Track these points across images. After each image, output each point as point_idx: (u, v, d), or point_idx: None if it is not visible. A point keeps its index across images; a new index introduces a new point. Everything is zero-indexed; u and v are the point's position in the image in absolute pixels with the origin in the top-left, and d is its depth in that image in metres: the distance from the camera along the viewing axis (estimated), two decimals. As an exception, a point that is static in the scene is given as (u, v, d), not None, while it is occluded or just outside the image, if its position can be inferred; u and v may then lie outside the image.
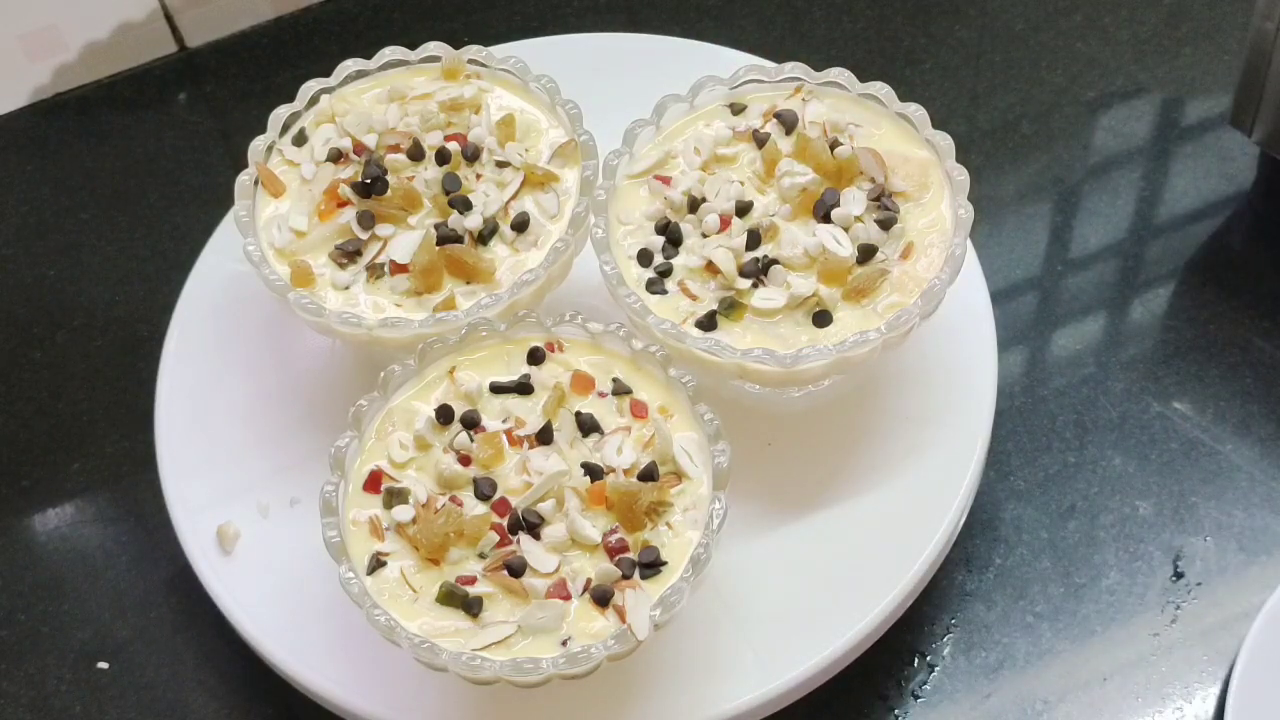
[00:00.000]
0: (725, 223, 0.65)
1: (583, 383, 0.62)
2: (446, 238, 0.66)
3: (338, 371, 0.72)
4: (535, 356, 0.63)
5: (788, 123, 0.68)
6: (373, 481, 0.60)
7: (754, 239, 0.64)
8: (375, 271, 0.66)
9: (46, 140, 0.92)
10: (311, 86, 0.71)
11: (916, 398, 0.68)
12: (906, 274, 0.63)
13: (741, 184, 0.66)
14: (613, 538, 0.58)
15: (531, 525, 0.58)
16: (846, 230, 0.64)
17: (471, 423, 0.61)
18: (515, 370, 0.63)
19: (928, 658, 0.68)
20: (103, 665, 0.70)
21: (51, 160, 0.91)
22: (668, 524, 0.58)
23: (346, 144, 0.69)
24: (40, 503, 0.76)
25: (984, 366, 0.69)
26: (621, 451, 0.59)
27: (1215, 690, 0.66)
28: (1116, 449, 0.73)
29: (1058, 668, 0.67)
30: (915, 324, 0.63)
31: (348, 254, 0.66)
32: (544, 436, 0.60)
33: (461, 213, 0.66)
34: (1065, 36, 0.91)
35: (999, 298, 0.77)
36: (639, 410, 0.61)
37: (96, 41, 0.92)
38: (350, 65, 0.72)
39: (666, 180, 0.67)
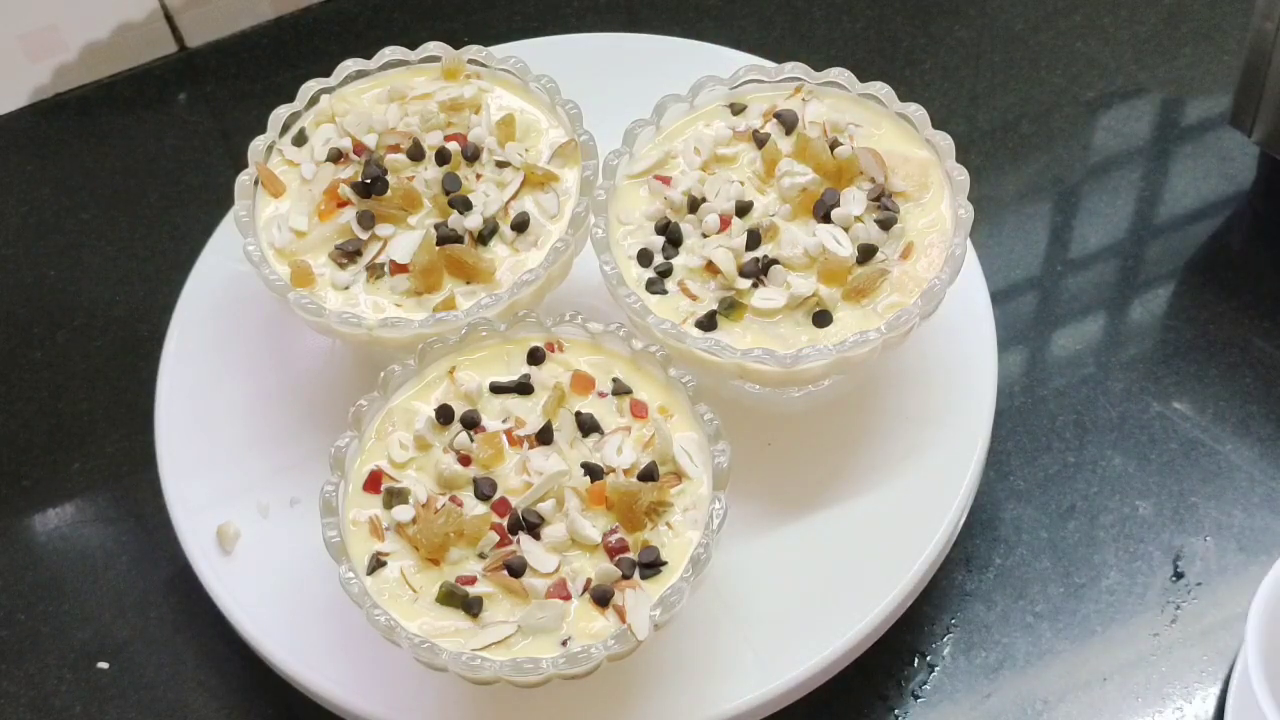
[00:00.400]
0: (725, 223, 0.65)
1: (583, 383, 0.62)
2: (446, 238, 0.66)
3: (338, 371, 0.72)
4: (535, 356, 0.63)
5: (788, 123, 0.68)
6: (373, 481, 0.60)
7: (754, 239, 0.64)
8: (375, 271, 0.66)
9: (46, 140, 0.92)
10: (311, 86, 0.71)
11: (916, 398, 0.68)
12: (906, 274, 0.63)
13: (741, 184, 0.66)
14: (613, 538, 0.58)
15: (531, 525, 0.58)
16: (846, 230, 0.64)
17: (471, 423, 0.61)
18: (515, 370, 0.63)
19: (928, 658, 0.68)
20: (103, 665, 0.70)
21: (51, 160, 0.91)
22: (668, 524, 0.58)
23: (346, 144, 0.69)
24: (40, 503, 0.76)
25: (984, 366, 0.69)
26: (621, 451, 0.59)
27: (1215, 690, 0.66)
28: (1116, 449, 0.73)
29: (1058, 668, 0.67)
30: (915, 324, 0.63)
31: (348, 254, 0.66)
32: (544, 436, 0.60)
33: (461, 213, 0.66)
34: (1065, 36, 0.91)
35: (999, 298, 0.77)
36: (639, 410, 0.61)
37: (96, 41, 0.92)
38: (350, 65, 0.72)
39: (666, 180, 0.67)
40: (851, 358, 0.62)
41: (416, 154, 0.68)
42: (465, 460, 0.60)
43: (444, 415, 0.61)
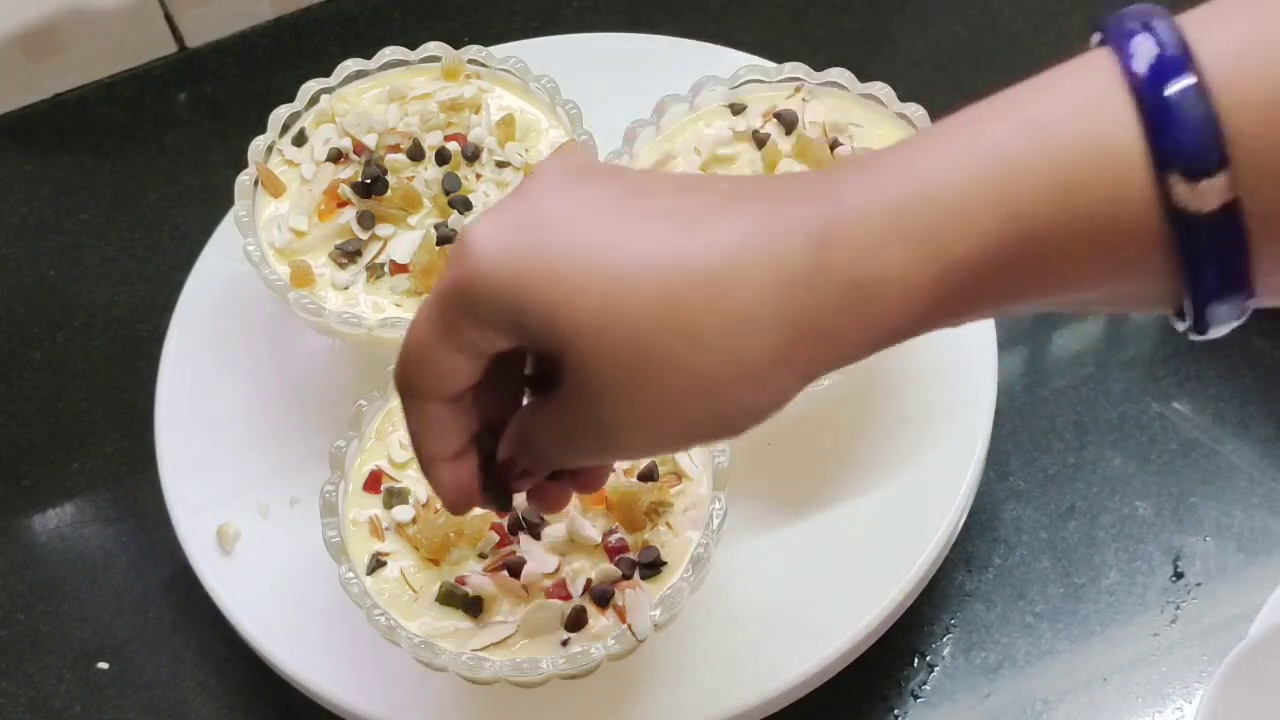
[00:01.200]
0: (725, 223, 0.65)
1: (583, 383, 0.62)
2: (446, 238, 0.66)
3: (338, 371, 0.72)
4: (535, 356, 0.63)
5: (788, 123, 0.68)
6: (373, 481, 0.60)
7: (754, 239, 0.64)
8: (375, 271, 0.66)
9: (46, 140, 0.92)
10: (311, 86, 0.71)
11: (916, 398, 0.68)
12: (906, 274, 0.63)
13: (741, 184, 0.66)
14: (613, 538, 0.58)
15: (532, 525, 0.58)
16: (846, 230, 0.64)
17: (471, 423, 0.61)
18: (515, 370, 0.62)
19: (928, 658, 0.68)
20: (103, 665, 0.70)
21: (51, 160, 0.91)
22: (668, 524, 0.58)
23: (346, 144, 0.69)
24: (40, 503, 0.76)
25: (984, 366, 0.69)
26: (621, 451, 0.59)
27: (1215, 690, 0.66)
28: (1116, 449, 0.73)
29: (1058, 668, 0.67)
30: (915, 324, 0.63)
31: (348, 254, 0.66)
32: (544, 436, 0.60)
33: (461, 213, 0.66)
34: (1065, 37, 0.91)
35: (999, 298, 0.77)
36: (639, 410, 0.61)
37: (96, 41, 0.91)
38: (350, 65, 0.72)
39: (666, 180, 0.67)
40: (851, 358, 0.62)
41: (416, 154, 0.68)
42: (465, 460, 0.60)
43: (444, 415, 0.61)
